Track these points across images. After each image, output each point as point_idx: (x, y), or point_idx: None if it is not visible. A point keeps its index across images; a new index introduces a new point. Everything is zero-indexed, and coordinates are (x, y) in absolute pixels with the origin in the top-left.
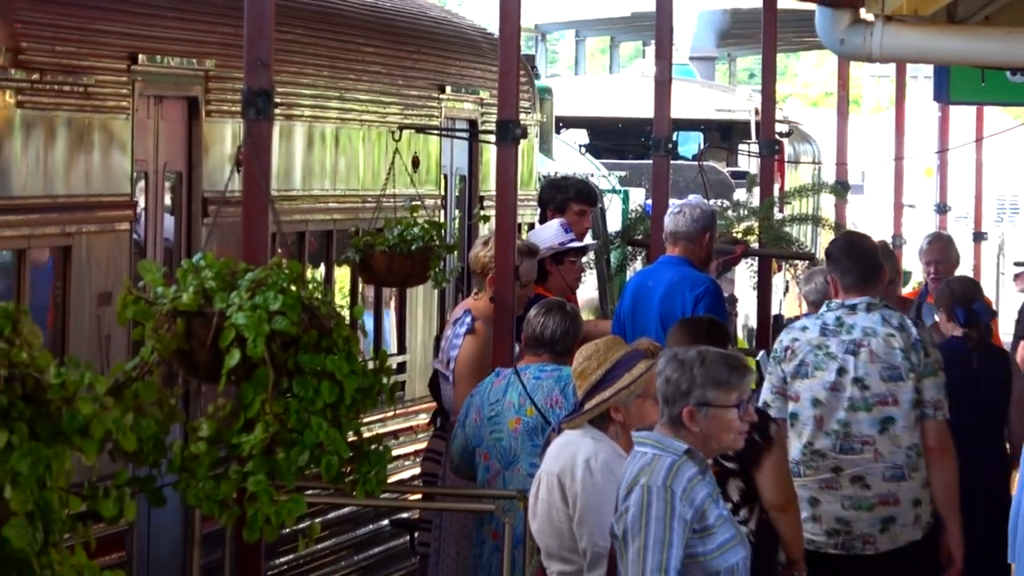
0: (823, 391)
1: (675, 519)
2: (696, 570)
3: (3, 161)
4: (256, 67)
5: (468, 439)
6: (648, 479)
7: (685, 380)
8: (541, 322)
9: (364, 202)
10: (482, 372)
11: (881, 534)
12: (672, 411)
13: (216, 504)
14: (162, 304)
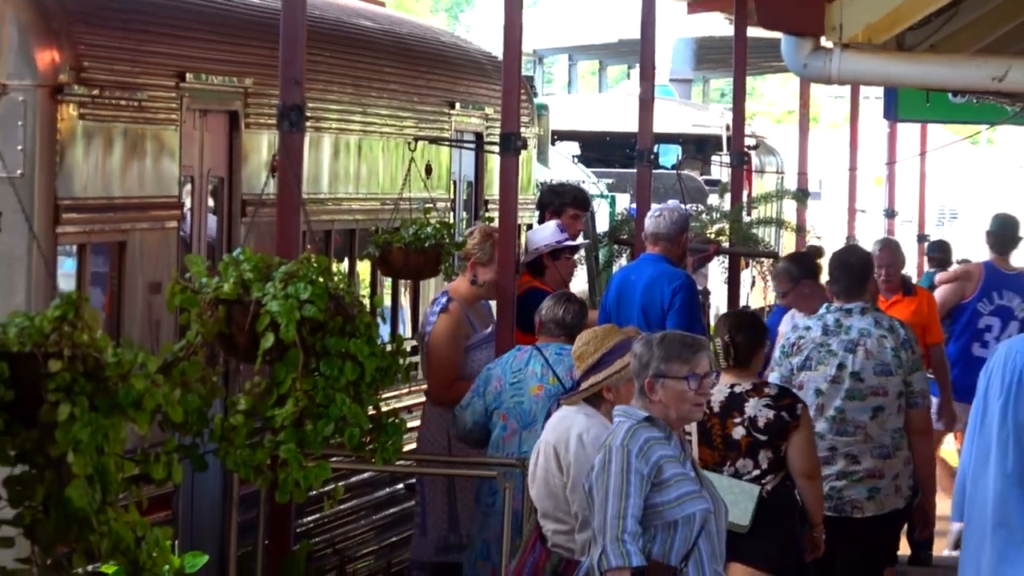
0: (824, 383)
1: (631, 473)
2: (655, 518)
3: (67, 166)
4: (290, 85)
5: (487, 404)
6: (609, 441)
7: (647, 355)
8: (564, 308)
9: (383, 204)
10: (453, 346)
11: (868, 501)
12: (638, 383)
13: (252, 469)
14: (206, 293)
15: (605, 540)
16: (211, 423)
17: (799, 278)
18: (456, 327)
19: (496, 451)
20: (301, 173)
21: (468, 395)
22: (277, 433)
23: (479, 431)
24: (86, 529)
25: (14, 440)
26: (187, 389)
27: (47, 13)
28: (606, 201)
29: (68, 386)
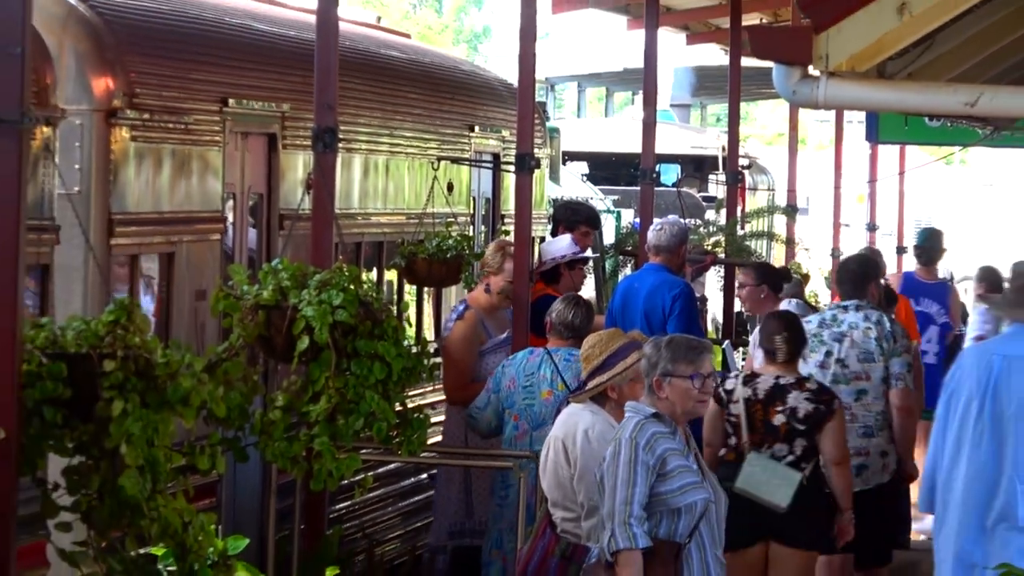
0: (815, 368)
1: (638, 464)
2: (660, 505)
3: (120, 184)
4: (324, 109)
5: (500, 401)
6: (619, 433)
7: (655, 356)
8: (573, 312)
9: (408, 219)
10: (467, 350)
11: (856, 477)
12: (648, 381)
13: (289, 460)
14: (247, 299)
15: (614, 524)
16: (251, 418)
17: (760, 282)
18: (470, 333)
19: (508, 448)
20: (334, 190)
21: (483, 395)
22: (312, 427)
23: (498, 422)
24: (138, 515)
25: (72, 433)
26: (230, 387)
27: (102, 43)
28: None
29: (121, 384)
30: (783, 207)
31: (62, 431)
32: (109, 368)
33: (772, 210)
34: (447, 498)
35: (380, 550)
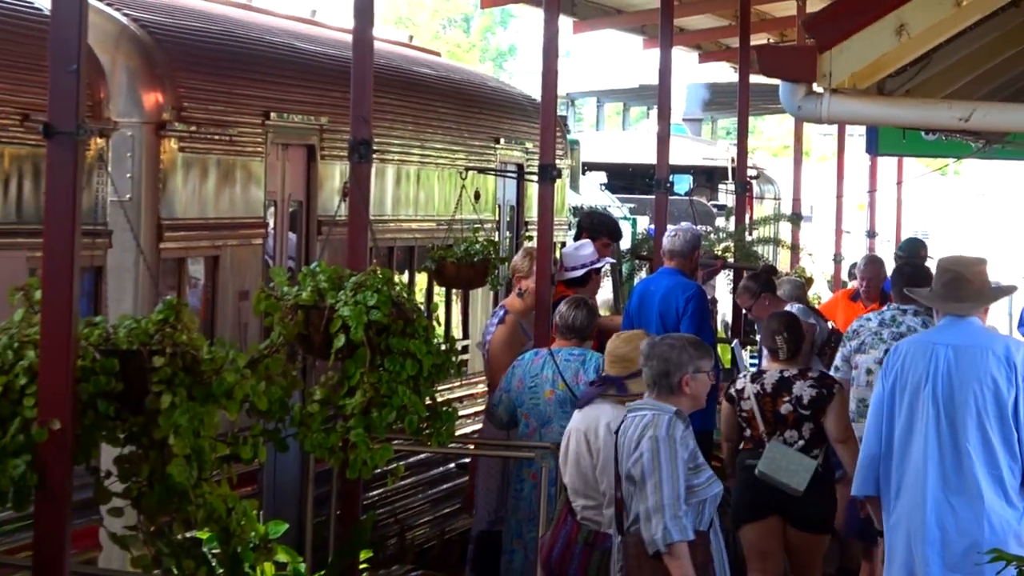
0: (874, 363)
1: (678, 460)
2: (692, 497)
3: (169, 192)
4: (359, 122)
5: (512, 400)
6: (654, 432)
7: (682, 355)
8: (573, 314)
9: (438, 225)
10: (509, 352)
11: None
12: (671, 380)
13: (326, 450)
14: (287, 300)
15: (665, 519)
16: (291, 411)
17: (758, 293)
18: (511, 336)
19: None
20: (368, 198)
21: (497, 393)
22: (348, 420)
23: (511, 420)
24: (184, 501)
25: (123, 425)
26: (271, 382)
27: (152, 60)
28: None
29: (169, 379)
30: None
31: (114, 422)
32: (158, 364)
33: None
34: (487, 488)
35: (411, 535)
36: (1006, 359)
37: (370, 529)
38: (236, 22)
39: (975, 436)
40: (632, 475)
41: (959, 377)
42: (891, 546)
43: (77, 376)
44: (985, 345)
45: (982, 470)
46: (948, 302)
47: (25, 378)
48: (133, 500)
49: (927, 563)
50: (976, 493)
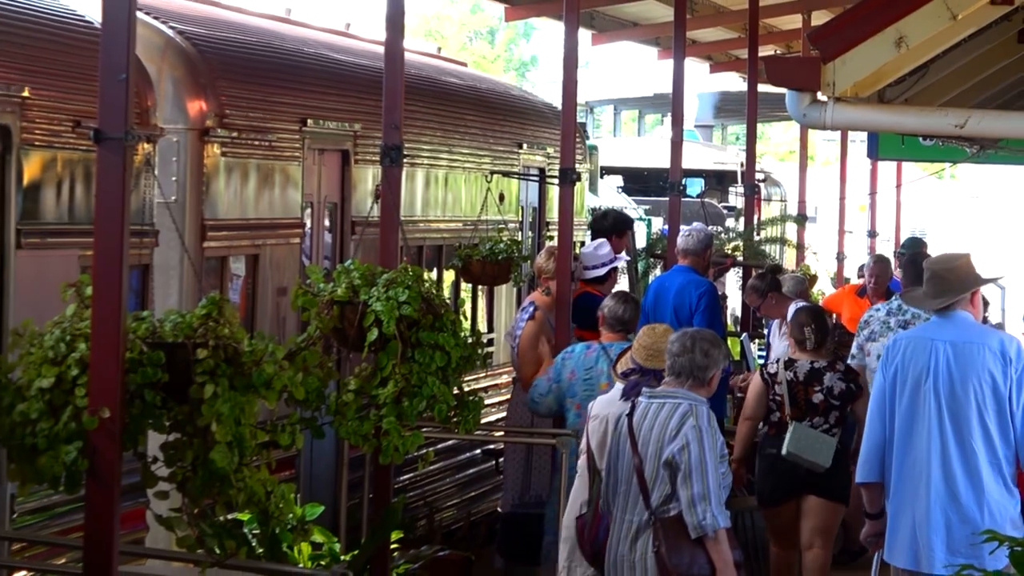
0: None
1: (717, 450)
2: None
3: (212, 194)
4: (390, 129)
5: (563, 391)
6: (696, 421)
7: (717, 354)
8: (621, 308)
9: (465, 225)
10: (538, 346)
11: None
12: (706, 375)
13: (360, 437)
14: (323, 296)
15: (711, 505)
16: (327, 400)
17: (765, 292)
18: (539, 330)
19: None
20: (399, 200)
21: (545, 383)
22: (380, 408)
23: (558, 408)
24: (226, 485)
25: (168, 413)
26: (308, 373)
27: (196, 70)
28: (644, 223)
29: (212, 370)
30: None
31: (160, 411)
32: (202, 356)
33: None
34: (513, 474)
35: (439, 516)
36: (1001, 354)
37: (401, 511)
38: (274, 34)
39: (976, 428)
40: (676, 461)
41: (959, 373)
42: (894, 531)
43: (126, 367)
44: (981, 341)
45: (983, 460)
46: (928, 299)
47: (77, 369)
48: (178, 484)
49: (931, 548)
50: (977, 482)
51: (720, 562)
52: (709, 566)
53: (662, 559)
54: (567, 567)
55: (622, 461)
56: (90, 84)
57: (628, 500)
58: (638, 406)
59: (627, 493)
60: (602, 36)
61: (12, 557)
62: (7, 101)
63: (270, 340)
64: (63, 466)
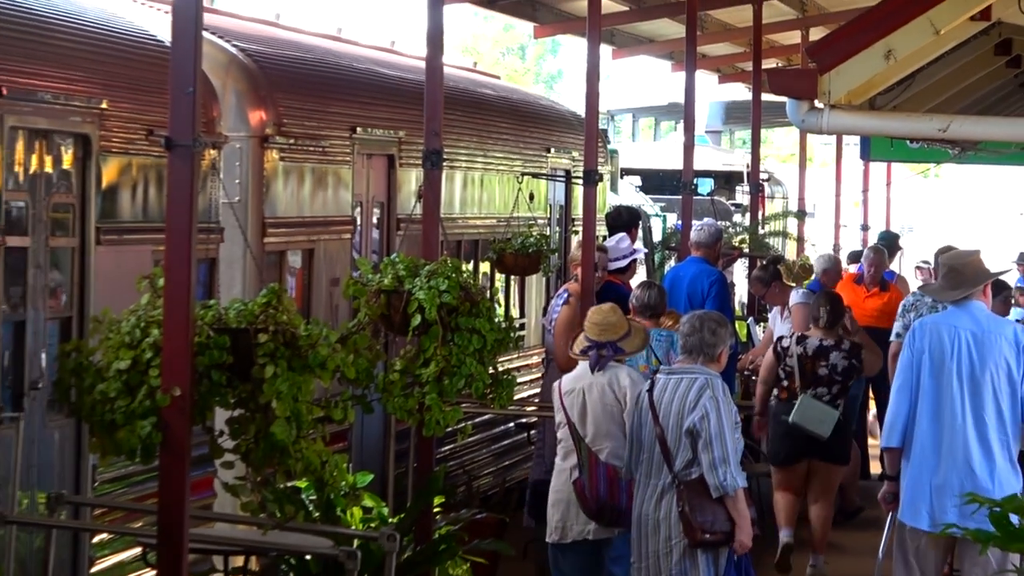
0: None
1: (731, 417)
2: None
3: (272, 195)
4: (431, 135)
5: None
6: (714, 393)
7: (723, 333)
8: (647, 294)
9: (498, 221)
10: (571, 328)
11: None
12: (714, 351)
13: (405, 412)
14: (371, 285)
15: (730, 468)
16: (375, 379)
17: (769, 281)
18: (572, 315)
19: None
20: (439, 199)
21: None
22: (423, 386)
23: None
24: (286, 455)
25: (233, 391)
26: (358, 354)
27: (257, 83)
28: (659, 219)
29: (272, 352)
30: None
31: (225, 389)
32: (263, 340)
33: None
34: (545, 443)
35: (476, 483)
36: (1015, 343)
37: (442, 479)
38: (327, 51)
39: (992, 409)
40: (697, 430)
41: (979, 358)
42: (914, 495)
43: (194, 350)
44: (999, 331)
45: (995, 438)
46: (945, 291)
47: (151, 352)
48: (242, 455)
49: (945, 512)
50: (990, 456)
51: (739, 518)
52: (729, 522)
53: (687, 517)
54: (561, 527)
55: (644, 431)
56: (161, 97)
57: (652, 466)
58: (656, 383)
59: (650, 460)
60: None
61: (94, 521)
62: (87, 112)
63: (324, 325)
64: (139, 439)
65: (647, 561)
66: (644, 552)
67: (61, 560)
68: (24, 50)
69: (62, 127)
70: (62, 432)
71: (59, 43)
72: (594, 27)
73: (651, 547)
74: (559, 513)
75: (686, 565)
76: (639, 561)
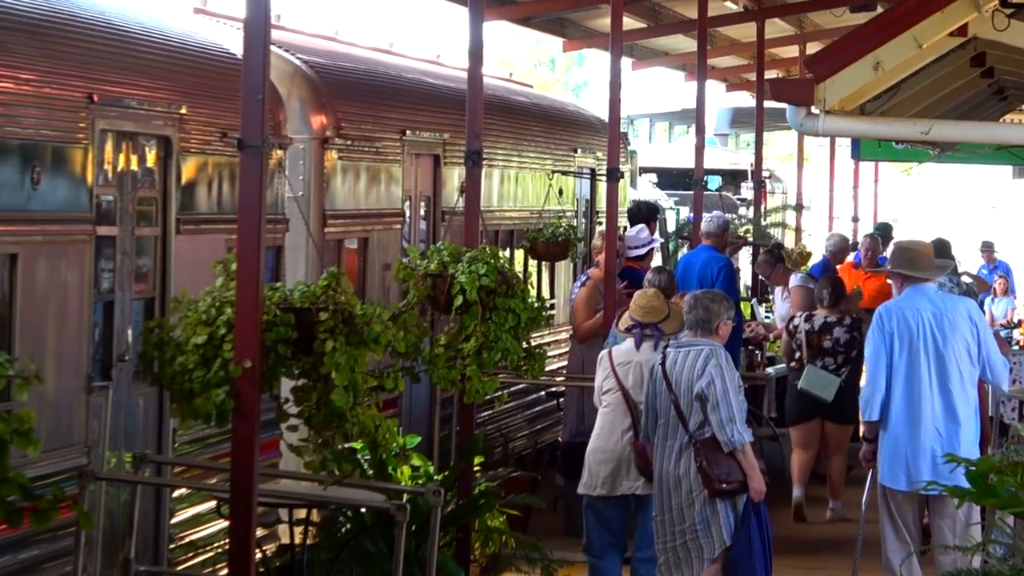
0: None
1: (734, 381)
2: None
3: (331, 190)
4: (473, 137)
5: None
6: (718, 361)
7: (717, 308)
8: (658, 278)
9: (531, 214)
10: (589, 305)
11: None
12: (710, 324)
13: (449, 381)
14: (419, 270)
15: (736, 425)
16: (422, 352)
17: (774, 264)
18: (589, 296)
19: None
20: (479, 194)
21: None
22: (464, 359)
23: None
24: (343, 420)
25: (297, 363)
26: (407, 331)
27: (318, 91)
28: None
29: (332, 329)
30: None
31: (290, 362)
32: (323, 318)
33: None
34: (570, 409)
35: (512, 445)
36: (970, 319)
37: (481, 441)
38: (380, 62)
39: (956, 378)
40: (705, 394)
41: (942, 336)
42: (892, 460)
43: (263, 327)
44: (955, 309)
45: (960, 402)
46: (913, 271)
47: (224, 328)
48: (305, 419)
49: (919, 470)
50: (955, 419)
51: (749, 468)
52: (741, 472)
53: (705, 471)
54: (610, 482)
55: (659, 399)
56: (233, 103)
57: (668, 429)
58: (668, 356)
59: (666, 424)
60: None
61: (174, 478)
62: (168, 117)
63: (377, 305)
64: (214, 406)
65: (670, 514)
66: (667, 506)
67: (145, 512)
68: (113, 62)
69: (146, 130)
70: (146, 399)
71: (144, 56)
72: (616, 42)
73: (674, 501)
74: (608, 470)
75: (707, 513)
76: (661, 514)
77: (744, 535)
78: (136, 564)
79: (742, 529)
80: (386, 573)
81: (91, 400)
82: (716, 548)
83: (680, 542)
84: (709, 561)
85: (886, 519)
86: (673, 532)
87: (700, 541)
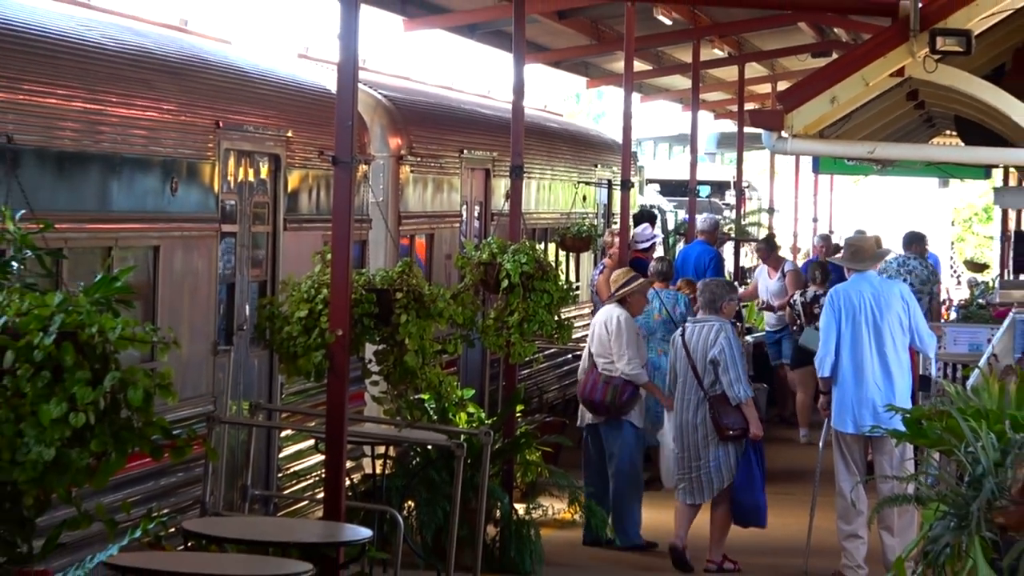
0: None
1: (739, 349)
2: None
3: (405, 196)
4: (515, 155)
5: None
6: (727, 334)
7: (720, 291)
8: (660, 265)
9: (561, 215)
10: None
11: None
12: (716, 304)
13: (497, 346)
14: (473, 259)
15: (742, 384)
16: (476, 324)
17: (770, 251)
18: (607, 279)
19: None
20: (520, 200)
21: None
22: (509, 329)
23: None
24: (414, 377)
25: (378, 332)
26: (464, 307)
27: (395, 119)
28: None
29: (405, 305)
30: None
31: (373, 331)
32: (399, 296)
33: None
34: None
35: (545, 396)
36: (902, 298)
37: (522, 393)
38: (442, 96)
39: (891, 346)
40: (716, 359)
41: (879, 311)
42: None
43: (351, 304)
44: (891, 292)
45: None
46: (856, 263)
47: (322, 304)
48: (384, 376)
49: (863, 417)
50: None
51: (751, 418)
52: (744, 421)
53: (716, 420)
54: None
55: (679, 364)
56: (328, 128)
57: (686, 387)
58: (687, 329)
59: (684, 383)
60: (647, 97)
61: (282, 422)
62: (278, 139)
63: (441, 286)
64: (313, 365)
65: (690, 451)
66: (687, 444)
67: (259, 449)
68: (235, 96)
69: (260, 149)
70: (259, 360)
71: (259, 91)
72: (628, 81)
73: (692, 441)
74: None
75: (719, 452)
76: (683, 451)
77: (746, 467)
78: (252, 489)
79: (744, 463)
80: (447, 497)
81: (217, 360)
82: (725, 480)
83: (695, 475)
84: (719, 490)
85: (838, 455)
86: (691, 466)
87: (712, 475)
